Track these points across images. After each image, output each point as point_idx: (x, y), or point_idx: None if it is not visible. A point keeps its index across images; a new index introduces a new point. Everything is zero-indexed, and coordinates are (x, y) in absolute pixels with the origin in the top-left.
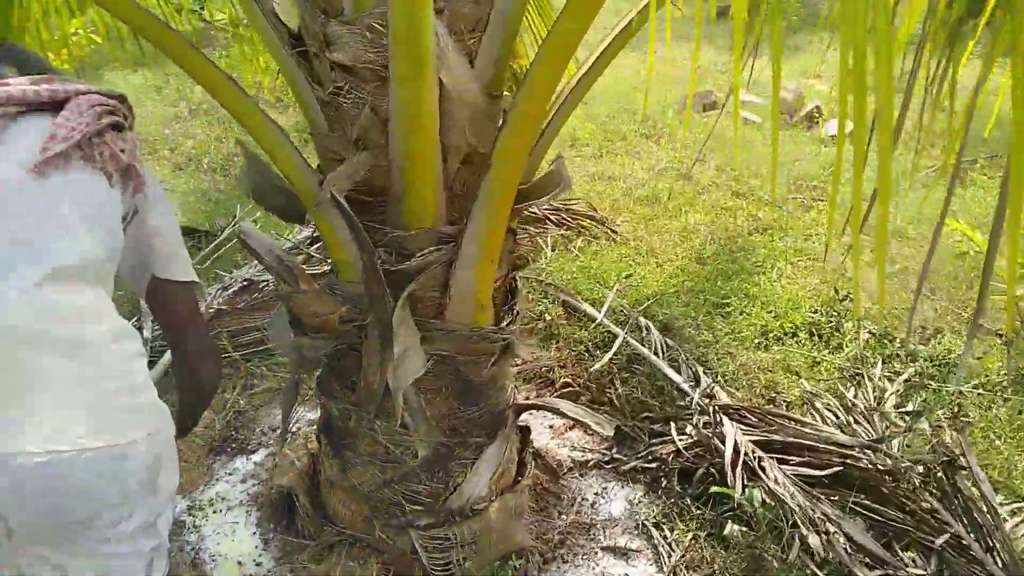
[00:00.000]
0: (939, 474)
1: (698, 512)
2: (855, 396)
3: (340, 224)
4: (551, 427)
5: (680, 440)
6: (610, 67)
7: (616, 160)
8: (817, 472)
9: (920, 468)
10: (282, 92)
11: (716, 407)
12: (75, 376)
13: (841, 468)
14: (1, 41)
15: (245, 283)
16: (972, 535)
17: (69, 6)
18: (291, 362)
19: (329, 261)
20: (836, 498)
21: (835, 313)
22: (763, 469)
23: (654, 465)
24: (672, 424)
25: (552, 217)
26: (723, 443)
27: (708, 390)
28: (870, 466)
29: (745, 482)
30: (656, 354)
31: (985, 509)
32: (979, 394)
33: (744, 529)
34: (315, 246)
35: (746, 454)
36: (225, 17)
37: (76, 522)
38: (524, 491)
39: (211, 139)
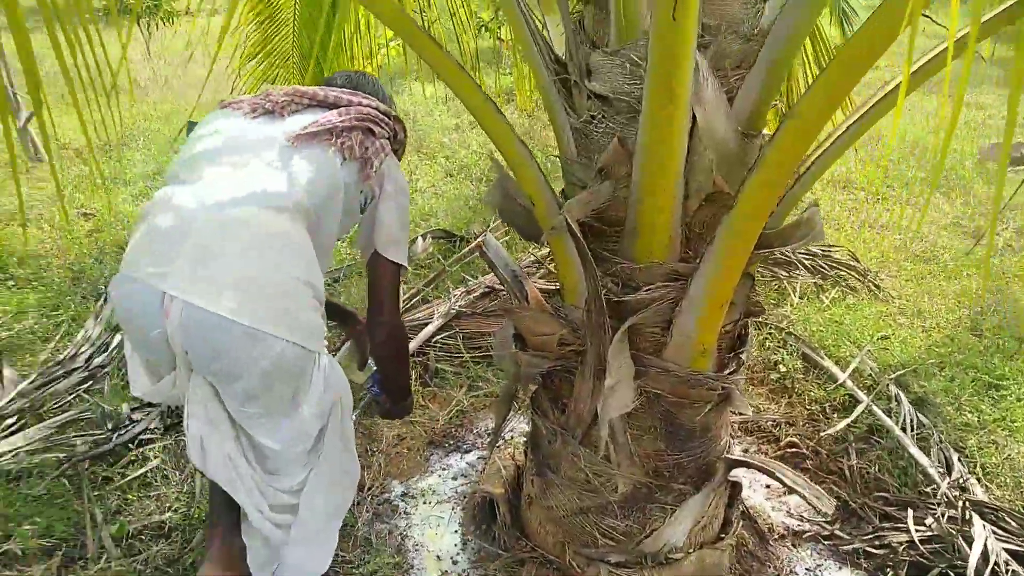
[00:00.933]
0: None
1: None
2: None
3: (572, 249)
4: (768, 487)
5: (917, 531)
6: (905, 108)
7: (894, 209)
8: None
9: None
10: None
11: (968, 502)
12: (274, 280)
13: None
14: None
15: (488, 290)
16: None
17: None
18: (509, 374)
19: (558, 280)
20: None
21: None
22: None
23: (881, 552)
24: (910, 511)
25: (806, 262)
26: (969, 545)
27: (961, 481)
28: None
29: None
30: (903, 429)
31: None
32: None
33: None
34: (553, 263)
35: (996, 563)
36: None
37: (261, 387)
38: (726, 550)
39: (483, 151)
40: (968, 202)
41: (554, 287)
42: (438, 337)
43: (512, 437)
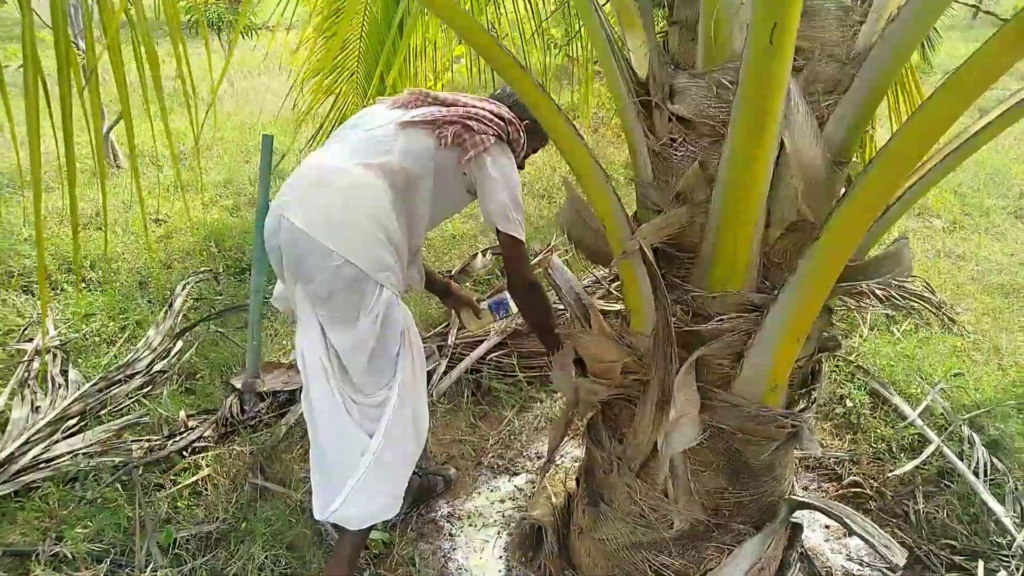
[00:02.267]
0: None
1: None
2: None
3: (642, 275)
4: (827, 527)
5: None
6: None
7: (971, 238)
8: None
9: None
10: (621, 129)
11: None
12: (349, 215)
13: None
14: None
15: None
16: None
17: (448, 37)
18: (567, 400)
19: (624, 306)
20: None
21: None
22: None
23: None
24: (980, 563)
25: (878, 291)
26: None
27: None
28: None
29: None
30: (976, 474)
31: None
32: None
33: None
34: (616, 283)
35: None
36: (585, 55)
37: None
38: None
39: (547, 167)
40: None
41: (614, 309)
42: (493, 355)
43: (563, 462)
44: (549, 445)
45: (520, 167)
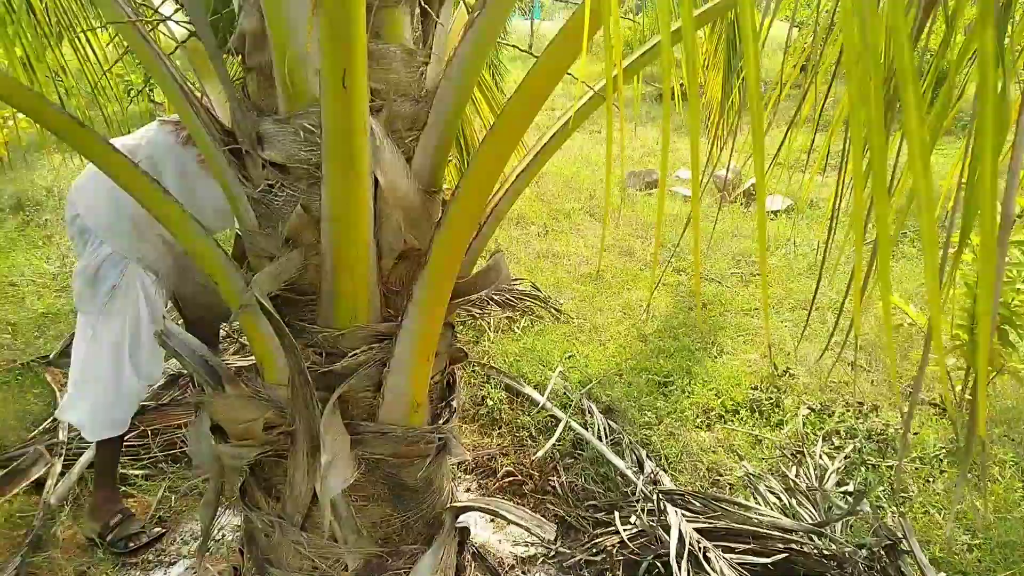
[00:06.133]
0: (883, 558)
1: None
2: (797, 476)
3: (265, 325)
4: (492, 521)
5: (624, 530)
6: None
7: (561, 238)
8: (762, 560)
9: (864, 552)
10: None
11: (660, 494)
12: (97, 187)
13: (786, 555)
14: None
15: (172, 376)
16: None
17: None
18: (212, 472)
19: (255, 358)
20: None
21: (775, 389)
22: (708, 560)
23: (599, 558)
24: (616, 513)
25: (496, 298)
26: (668, 533)
27: (652, 475)
28: (814, 552)
29: (691, 575)
30: (599, 438)
31: None
32: (916, 468)
33: None
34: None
35: (691, 544)
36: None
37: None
38: None
39: None
40: (617, 225)
41: (251, 363)
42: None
43: (225, 536)
44: (202, 524)
45: None
